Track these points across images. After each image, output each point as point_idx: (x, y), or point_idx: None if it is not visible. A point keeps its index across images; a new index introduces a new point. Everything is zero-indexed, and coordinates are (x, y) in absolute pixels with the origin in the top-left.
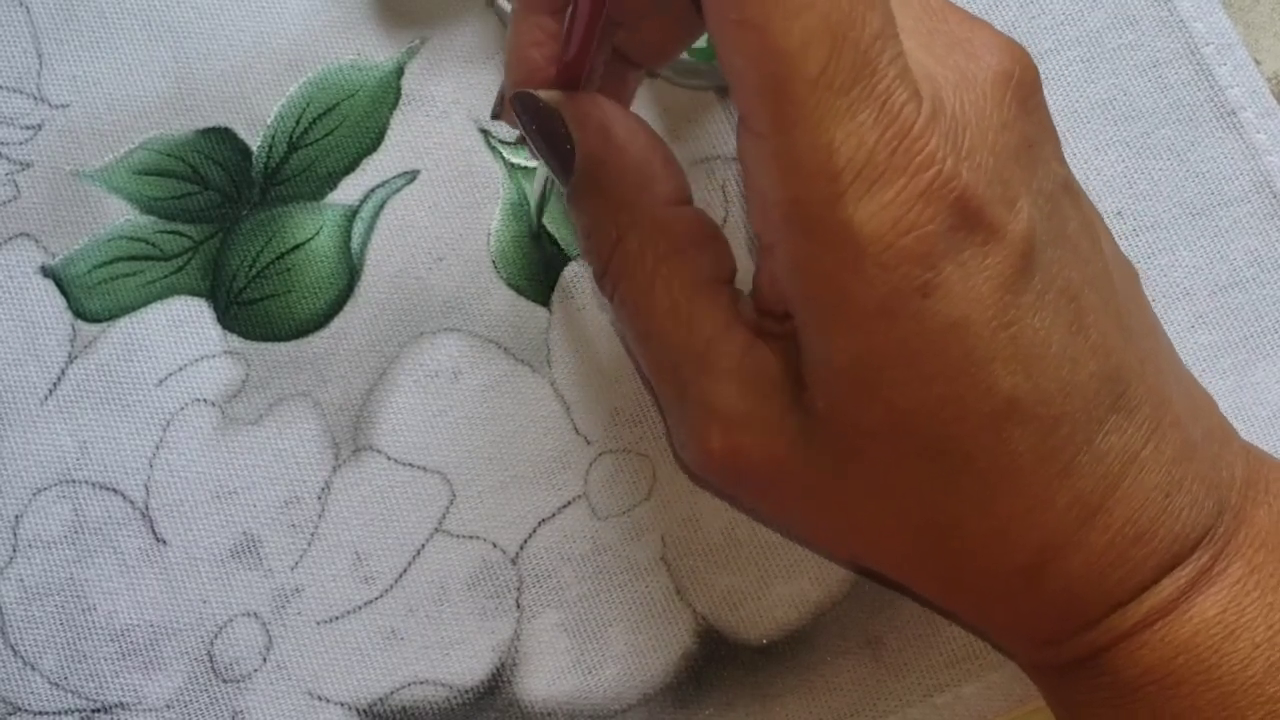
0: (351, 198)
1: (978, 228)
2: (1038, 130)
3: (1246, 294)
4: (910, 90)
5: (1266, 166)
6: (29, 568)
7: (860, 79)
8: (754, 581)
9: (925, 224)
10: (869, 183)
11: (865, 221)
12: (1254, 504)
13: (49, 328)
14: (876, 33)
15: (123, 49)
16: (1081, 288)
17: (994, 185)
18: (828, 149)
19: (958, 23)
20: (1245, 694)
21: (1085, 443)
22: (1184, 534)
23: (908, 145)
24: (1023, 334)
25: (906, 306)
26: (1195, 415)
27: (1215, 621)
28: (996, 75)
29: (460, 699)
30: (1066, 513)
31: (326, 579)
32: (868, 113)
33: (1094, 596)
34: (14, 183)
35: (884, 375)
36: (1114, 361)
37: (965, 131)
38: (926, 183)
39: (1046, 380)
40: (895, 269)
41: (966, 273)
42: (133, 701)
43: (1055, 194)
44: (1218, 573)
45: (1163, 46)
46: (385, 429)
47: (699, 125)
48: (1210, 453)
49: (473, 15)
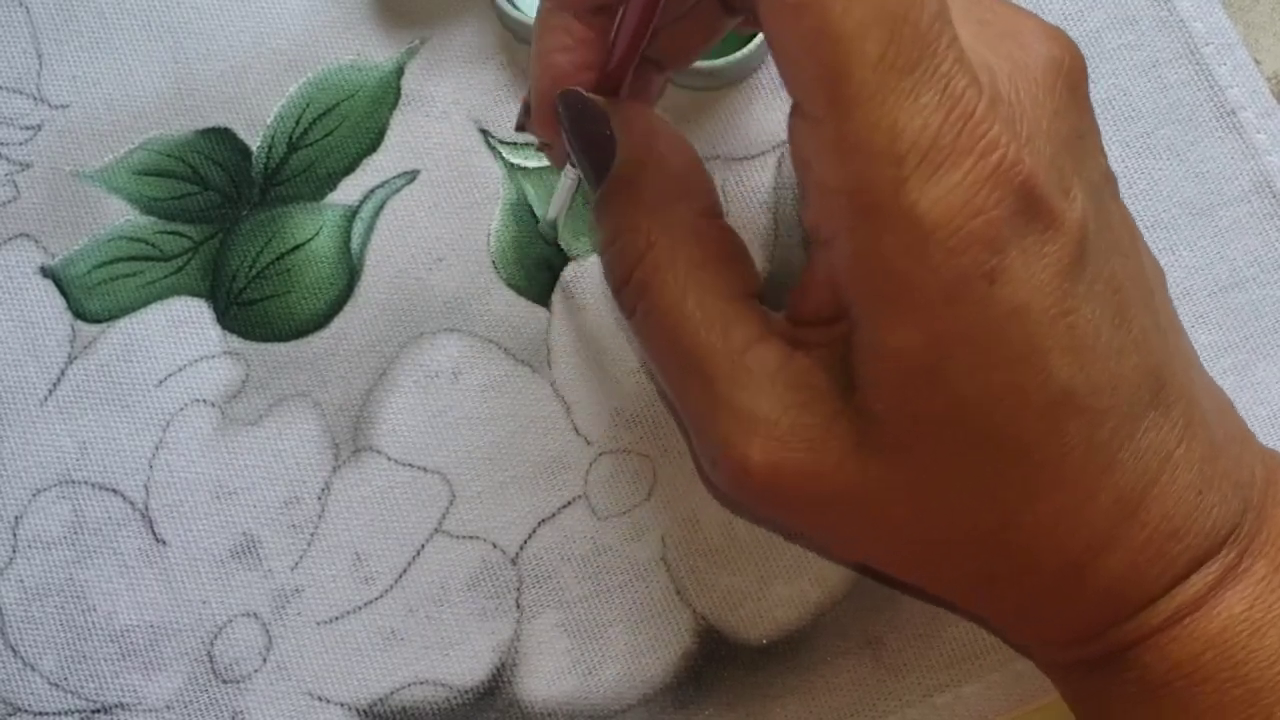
0: (351, 198)
1: (1039, 214)
2: (1085, 120)
3: (1247, 294)
4: (970, 75)
5: (1266, 166)
6: (29, 568)
7: (921, 60)
8: (754, 582)
9: (992, 208)
10: (935, 165)
11: (931, 205)
12: (1275, 503)
13: (49, 328)
14: (935, 15)
15: (122, 49)
16: (1124, 281)
17: (1052, 172)
18: (891, 131)
19: (1006, 13)
20: (1272, 690)
21: (1128, 437)
22: (1213, 531)
23: (972, 128)
24: (1078, 323)
25: (972, 292)
26: (1219, 416)
27: (1242, 618)
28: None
29: (460, 699)
30: (1110, 508)
31: (326, 579)
32: (931, 94)
33: (1132, 593)
34: (14, 183)
35: (948, 363)
36: (1154, 357)
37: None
38: (993, 166)
39: (1097, 372)
40: (962, 254)
41: (1029, 259)
42: (133, 702)
43: (1100, 185)
44: (1243, 570)
45: (1163, 46)
46: (385, 429)
47: (698, 125)
48: (1234, 452)
49: (473, 15)
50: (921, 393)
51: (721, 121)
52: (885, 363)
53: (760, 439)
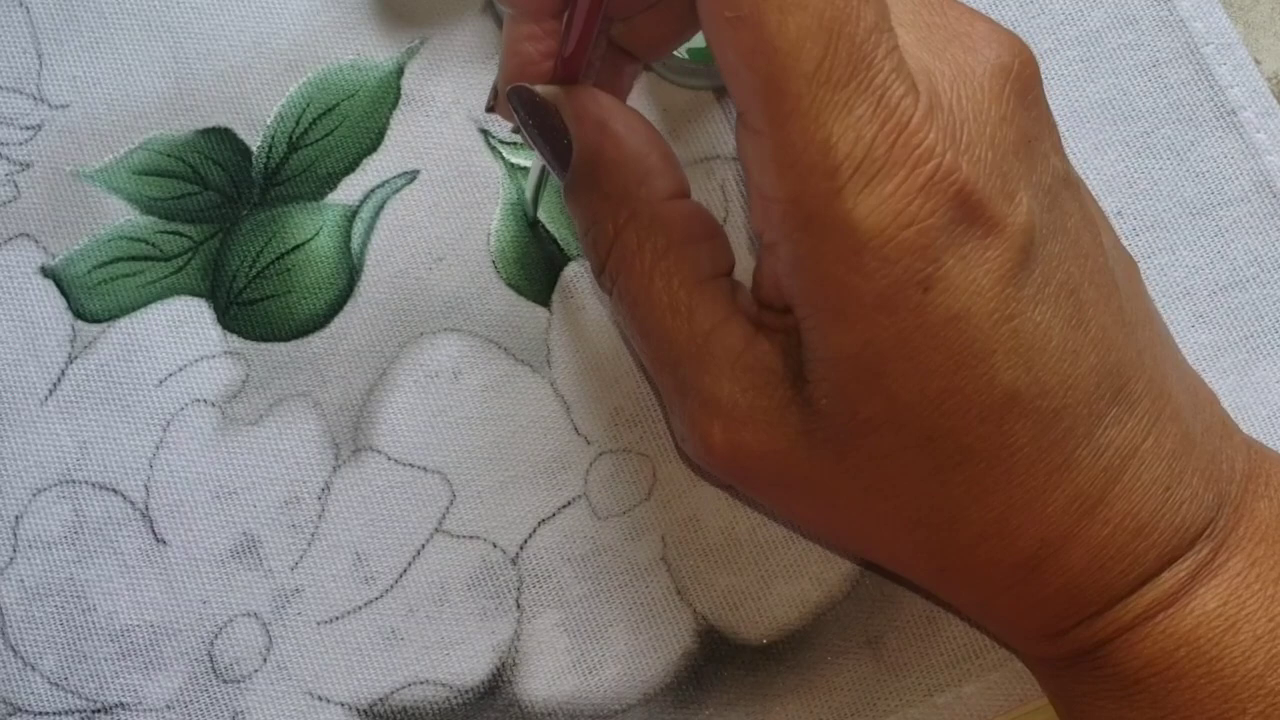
0: (351, 198)
1: (978, 221)
2: (1037, 124)
3: (1247, 293)
4: (907, 84)
5: (1266, 166)
6: (29, 568)
7: (856, 73)
8: (754, 581)
9: (926, 217)
10: (868, 177)
11: (865, 216)
12: (1255, 497)
13: (49, 328)
14: (871, 27)
15: (122, 49)
16: (1081, 282)
17: (994, 178)
18: (825, 144)
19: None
20: (1246, 686)
21: (1085, 436)
22: (1184, 527)
23: (906, 139)
24: (1023, 327)
25: (907, 300)
26: (1196, 409)
27: (1216, 614)
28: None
29: (460, 699)
30: (1067, 506)
31: (327, 579)
32: (865, 107)
33: (1094, 590)
34: (14, 183)
35: (885, 368)
36: (1114, 356)
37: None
38: (926, 176)
39: (1046, 373)
40: (896, 262)
41: (967, 266)
42: (133, 702)
43: (1055, 188)
44: (1218, 566)
45: (1163, 46)
46: (385, 429)
47: (698, 125)
48: (1211, 446)
49: (472, 15)
50: (861, 395)
51: (721, 121)
52: (825, 364)
53: (721, 420)
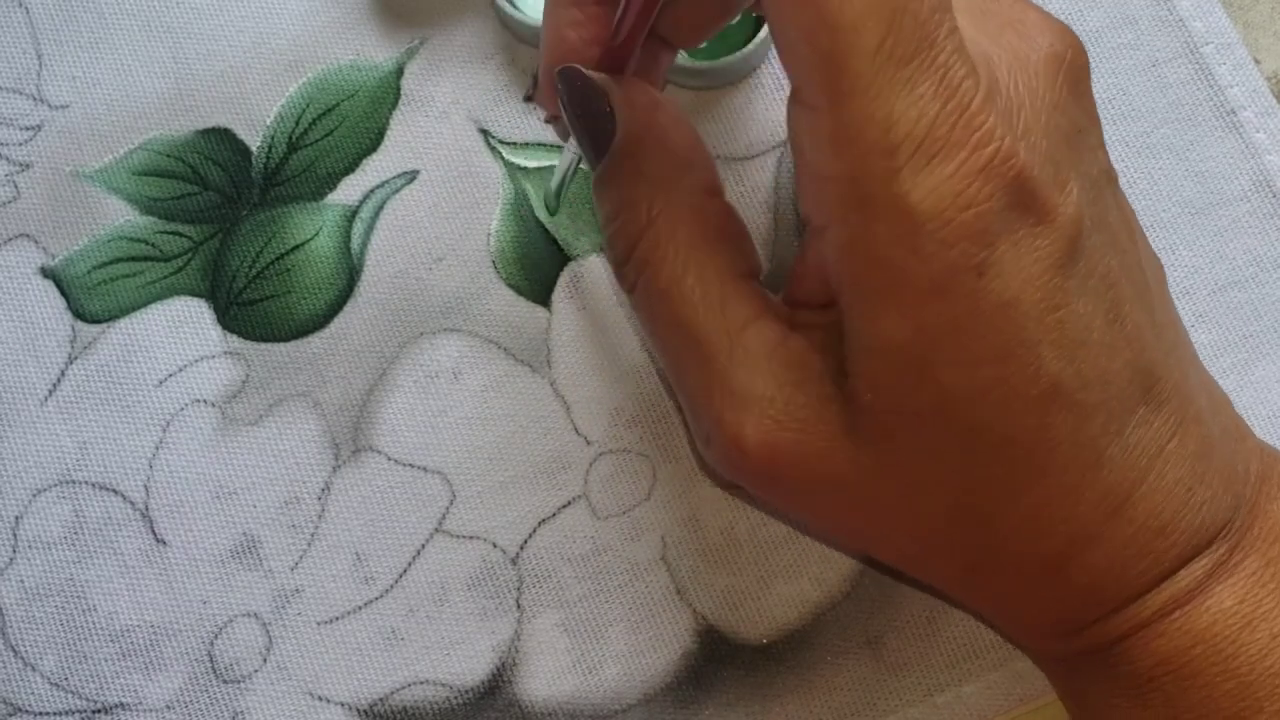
0: (351, 198)
1: (1032, 208)
2: (1086, 115)
3: (1246, 293)
4: (968, 66)
5: (1266, 166)
6: (29, 568)
7: (919, 51)
8: (754, 581)
9: (983, 201)
10: (928, 157)
11: (923, 196)
12: (1268, 499)
13: (49, 328)
14: (935, 6)
15: (122, 50)
16: (1120, 277)
17: (1047, 166)
18: (886, 121)
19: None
20: (1263, 684)
21: (1117, 434)
22: (1203, 527)
23: (968, 120)
24: (1068, 318)
25: (961, 284)
26: (1214, 412)
27: (1232, 612)
28: (1049, 57)
29: (460, 699)
30: (1097, 504)
31: (327, 579)
32: (927, 85)
33: (1115, 587)
34: (14, 183)
35: (935, 355)
36: (1147, 355)
37: (1020, 111)
38: (986, 159)
39: (1087, 367)
40: (953, 245)
41: (1019, 253)
42: (133, 702)
43: (1099, 181)
44: (1234, 565)
45: (1162, 46)
46: (385, 429)
47: (698, 125)
48: (1228, 448)
49: (472, 15)
50: (908, 384)
51: (721, 121)
52: (873, 353)
53: (755, 417)
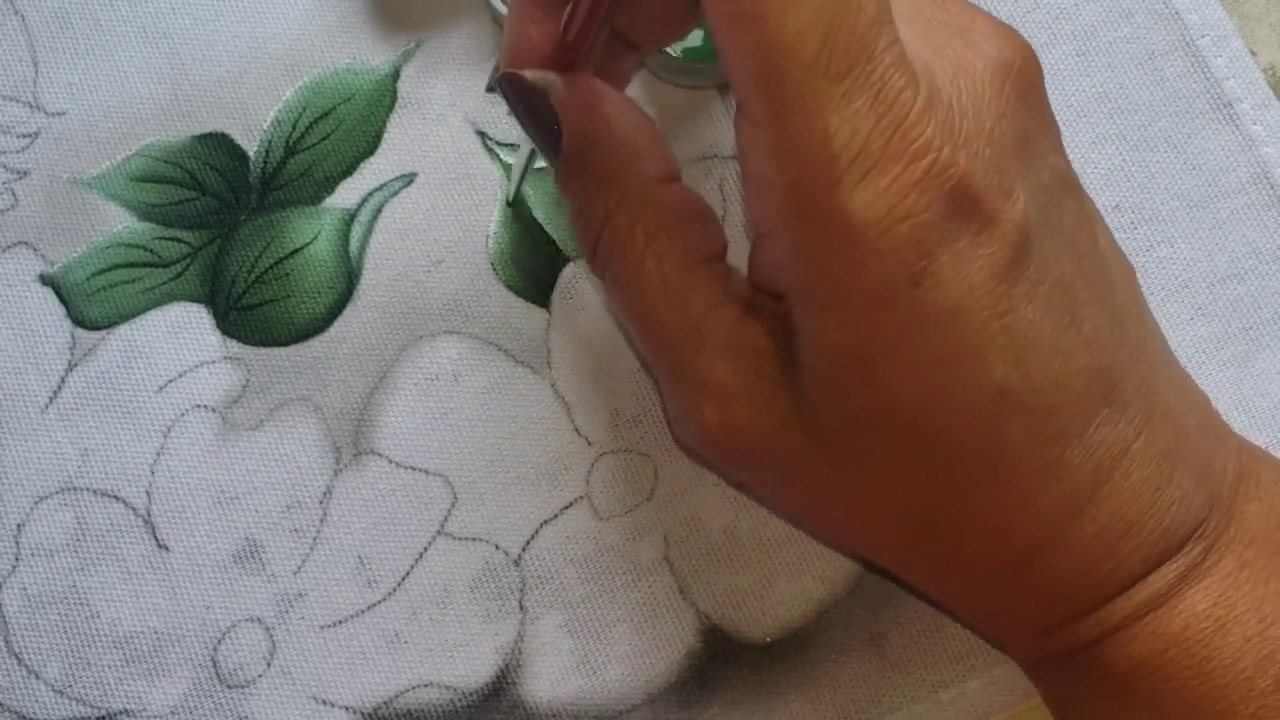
0: (349, 201)
1: (973, 216)
2: (1037, 123)
3: (1245, 285)
4: (907, 77)
5: (1264, 158)
6: (32, 576)
7: (855, 65)
8: (757, 580)
9: (920, 211)
10: (865, 169)
11: (861, 208)
12: (1245, 499)
13: (48, 336)
14: (872, 19)
15: (119, 56)
16: (1076, 281)
17: (990, 174)
18: (823, 135)
19: (957, 12)
20: (1237, 687)
21: (1076, 435)
22: (1173, 528)
23: (903, 132)
24: (1016, 324)
25: (901, 294)
26: (1188, 411)
27: (1206, 615)
28: (995, 65)
29: (464, 701)
30: (1057, 505)
31: (329, 583)
32: (863, 99)
33: (1081, 590)
34: (11, 191)
35: (878, 362)
36: (1107, 356)
37: (962, 120)
38: (922, 170)
39: (1038, 371)
40: (890, 256)
41: (961, 261)
42: (137, 708)
43: (1052, 187)
44: (1208, 567)
45: (1158, 39)
46: (386, 432)
47: (696, 124)
48: (1203, 448)
49: (468, 18)
50: (853, 389)
51: (719, 120)
52: (821, 355)
53: (713, 401)
